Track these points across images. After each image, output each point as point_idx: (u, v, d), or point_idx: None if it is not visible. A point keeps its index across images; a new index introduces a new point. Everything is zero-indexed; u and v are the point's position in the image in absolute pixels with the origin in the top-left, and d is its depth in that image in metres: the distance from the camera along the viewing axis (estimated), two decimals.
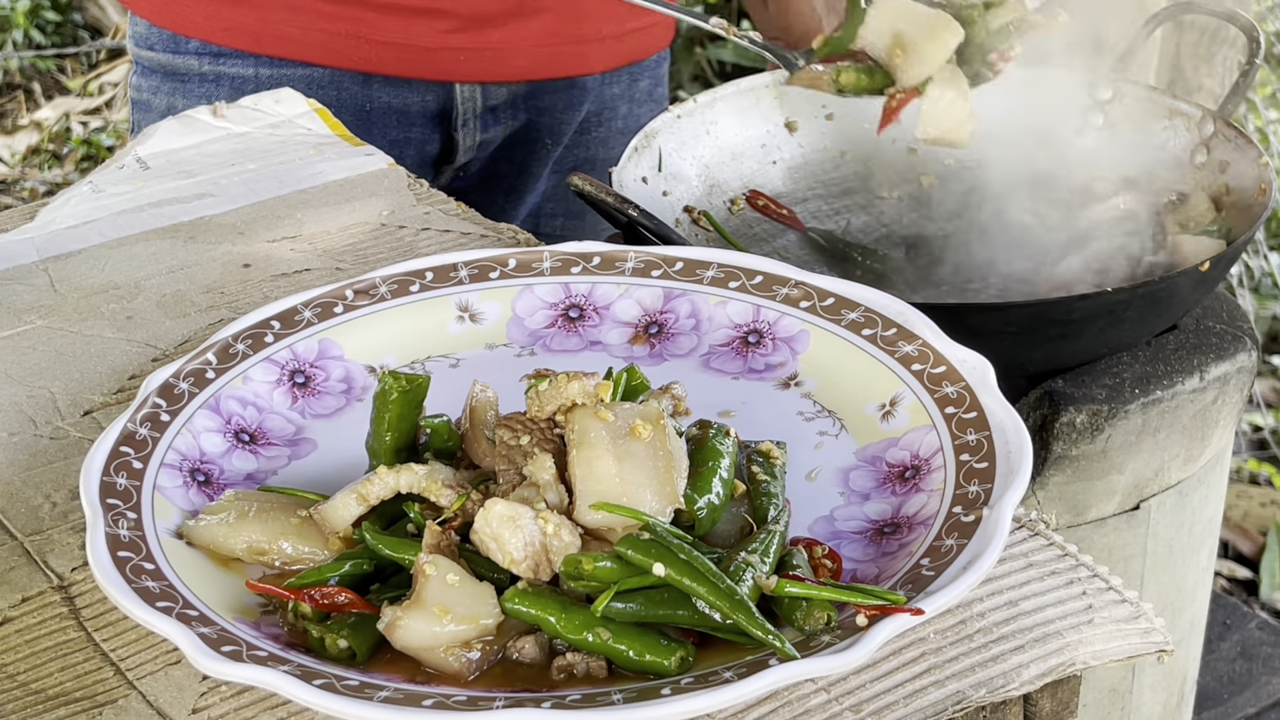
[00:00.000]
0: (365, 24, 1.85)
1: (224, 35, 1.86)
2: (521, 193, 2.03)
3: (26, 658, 1.01)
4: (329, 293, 1.25)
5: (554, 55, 1.93)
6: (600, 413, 1.02)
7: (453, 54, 1.87)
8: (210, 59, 1.87)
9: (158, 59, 1.91)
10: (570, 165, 2.05)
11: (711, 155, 1.72)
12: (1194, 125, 1.67)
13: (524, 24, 1.89)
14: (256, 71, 1.86)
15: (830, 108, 1.79)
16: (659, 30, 2.04)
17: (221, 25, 1.86)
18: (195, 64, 1.88)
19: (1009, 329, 1.41)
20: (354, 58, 1.86)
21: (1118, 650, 1.00)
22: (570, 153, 2.04)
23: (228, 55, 1.87)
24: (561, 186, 2.05)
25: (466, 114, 1.93)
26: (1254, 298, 3.62)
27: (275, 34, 1.85)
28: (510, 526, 0.97)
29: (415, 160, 1.91)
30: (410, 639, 0.94)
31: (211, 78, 1.88)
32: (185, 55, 1.88)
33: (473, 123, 1.94)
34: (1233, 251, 1.48)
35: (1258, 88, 3.98)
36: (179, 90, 1.90)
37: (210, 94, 1.87)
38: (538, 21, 1.90)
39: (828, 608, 0.95)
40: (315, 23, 1.85)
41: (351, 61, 1.86)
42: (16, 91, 4.86)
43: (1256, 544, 3.12)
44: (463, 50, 1.86)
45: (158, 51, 1.90)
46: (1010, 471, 1.03)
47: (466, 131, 1.94)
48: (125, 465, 1.07)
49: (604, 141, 2.04)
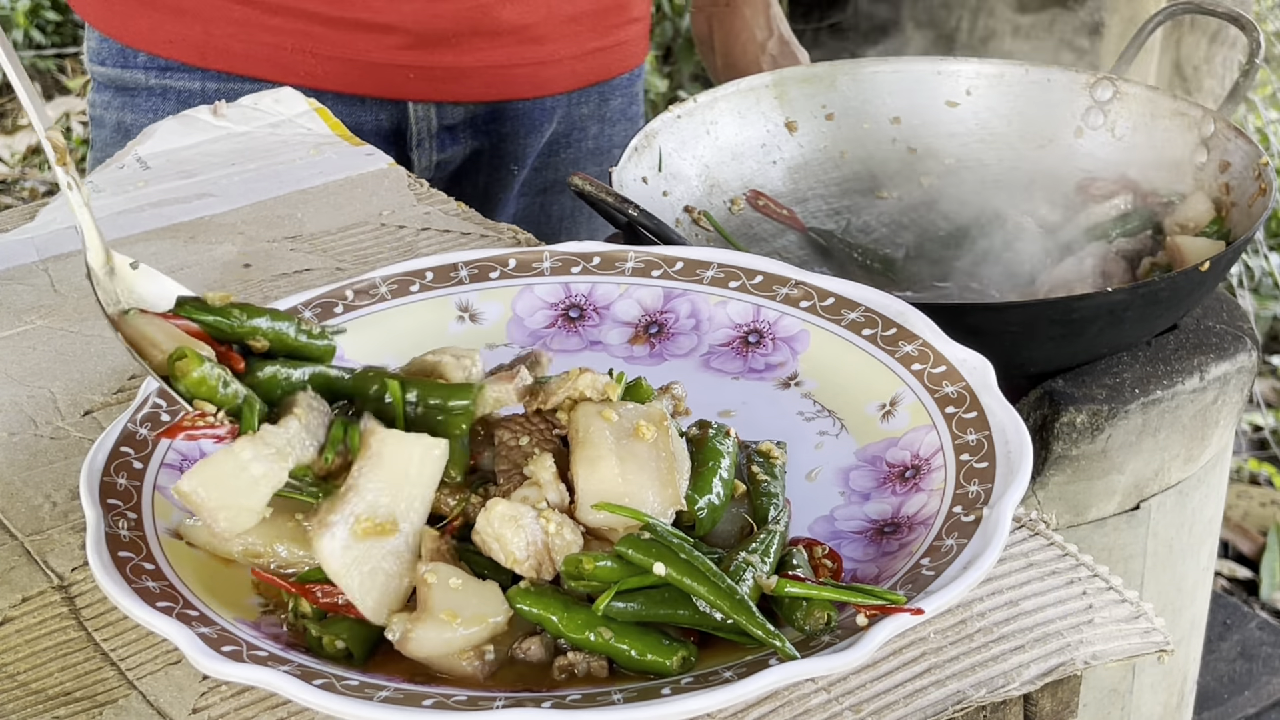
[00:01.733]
0: (311, 38, 1.80)
1: (168, 48, 1.82)
2: (489, 215, 1.98)
3: (26, 658, 1.01)
4: (329, 293, 1.25)
5: (510, 77, 1.89)
6: (604, 412, 1.02)
7: (402, 71, 1.83)
8: (157, 73, 1.84)
9: (108, 73, 1.88)
10: (539, 188, 2.00)
11: (711, 155, 1.72)
12: (1194, 125, 1.67)
13: (478, 44, 1.84)
14: (204, 85, 1.82)
15: (830, 108, 1.79)
16: (629, 48, 1.99)
17: (165, 37, 1.82)
18: (143, 78, 1.85)
19: (1009, 329, 1.41)
20: (300, 73, 1.81)
21: (1118, 650, 1.00)
22: (538, 174, 1.99)
23: (174, 69, 1.83)
24: (533, 209, 2.00)
25: (421, 134, 1.88)
26: (1254, 298, 3.62)
27: (220, 47, 1.81)
28: (512, 526, 0.97)
29: None
30: (423, 648, 0.94)
31: (159, 91, 1.84)
32: (133, 69, 1.85)
33: (428, 143, 1.89)
34: (1233, 251, 1.48)
35: (1258, 88, 3.99)
36: (128, 105, 1.87)
37: (157, 108, 1.83)
38: (493, 43, 1.85)
39: (828, 608, 0.95)
40: (260, 36, 1.80)
41: (298, 77, 1.81)
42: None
43: (1256, 544, 3.12)
44: (413, 68, 1.82)
45: (108, 66, 1.87)
46: (1010, 471, 1.03)
47: (422, 151, 1.90)
48: (125, 465, 1.07)
49: (574, 163, 2.00)
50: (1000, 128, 1.78)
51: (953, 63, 1.80)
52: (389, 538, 0.97)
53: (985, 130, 1.79)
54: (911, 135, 1.80)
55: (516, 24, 1.84)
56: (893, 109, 1.80)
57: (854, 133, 1.80)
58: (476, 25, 1.83)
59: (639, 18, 1.98)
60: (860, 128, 1.80)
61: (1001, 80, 1.78)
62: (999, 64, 1.79)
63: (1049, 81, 1.77)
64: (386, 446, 0.99)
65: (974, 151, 1.78)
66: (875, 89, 1.80)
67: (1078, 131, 1.75)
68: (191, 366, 0.99)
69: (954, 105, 1.79)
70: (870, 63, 1.81)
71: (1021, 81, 1.78)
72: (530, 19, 1.85)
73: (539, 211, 2.02)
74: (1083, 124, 1.75)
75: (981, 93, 1.79)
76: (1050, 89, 1.77)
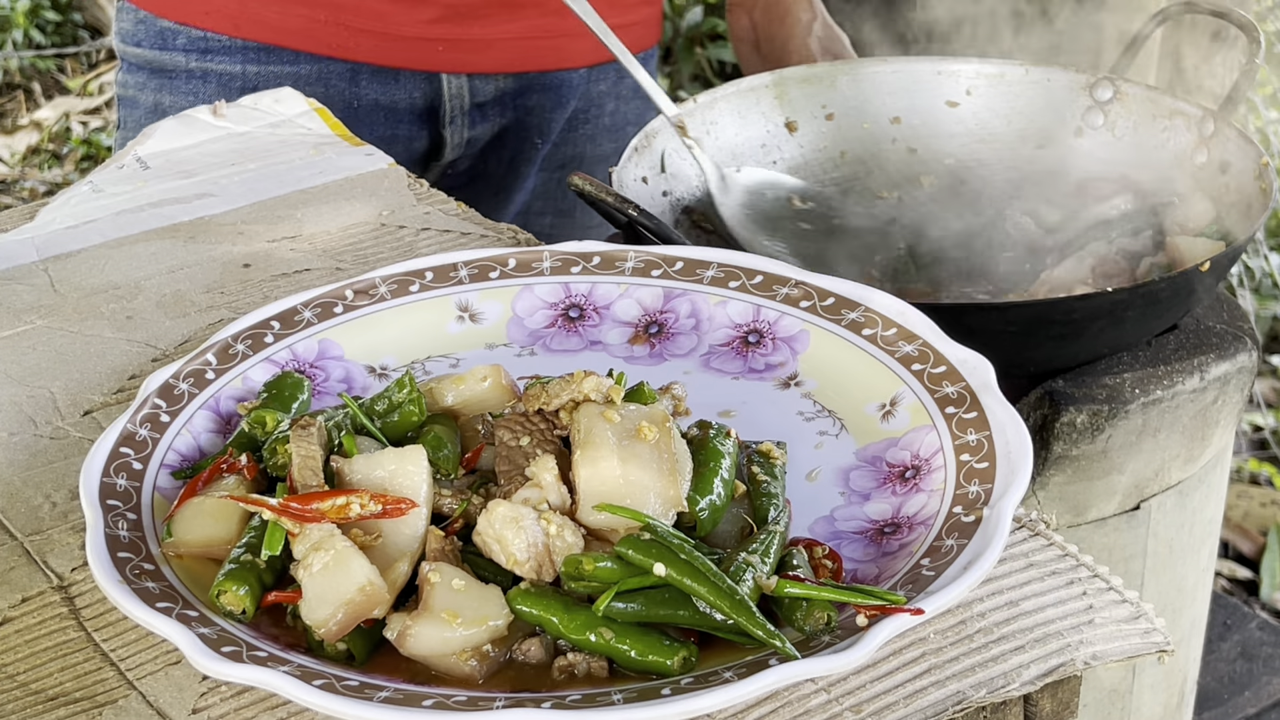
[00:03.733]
0: (345, 10, 1.86)
1: (204, 19, 1.86)
2: (510, 190, 2.04)
3: (26, 658, 1.01)
4: (329, 293, 1.25)
5: (536, 49, 1.94)
6: (606, 413, 1.02)
7: (433, 44, 1.88)
8: (197, 55, 1.88)
9: (144, 55, 1.91)
10: (558, 163, 2.05)
11: (711, 155, 1.72)
12: (1194, 125, 1.67)
13: (506, 17, 1.90)
14: (244, 69, 1.87)
15: (830, 108, 1.79)
16: (643, 29, 2.04)
17: (202, 9, 1.87)
18: (183, 60, 1.88)
19: (1009, 329, 1.41)
20: (333, 44, 1.86)
21: (1118, 650, 1.00)
22: (558, 150, 2.05)
23: (214, 51, 1.87)
24: (550, 184, 2.06)
25: (454, 110, 1.93)
26: (1254, 298, 3.62)
27: (254, 18, 1.86)
28: (513, 527, 0.97)
29: (403, 157, 1.91)
30: (421, 647, 0.94)
31: (199, 74, 1.88)
32: (173, 52, 1.89)
33: (460, 119, 1.94)
34: (1233, 251, 1.48)
35: (1258, 88, 3.99)
36: (165, 87, 1.90)
37: (197, 90, 1.88)
38: (520, 15, 1.91)
39: (828, 608, 0.95)
40: (294, 8, 1.85)
41: (332, 49, 1.86)
42: (16, 91, 4.86)
43: (1256, 544, 3.12)
44: (443, 41, 1.88)
45: (144, 48, 1.91)
46: (1010, 471, 1.03)
47: (454, 128, 1.95)
48: (125, 466, 1.07)
49: (591, 138, 2.05)
50: (1000, 128, 1.78)
51: (953, 63, 1.80)
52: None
53: (985, 130, 1.79)
54: (911, 135, 1.80)
55: None
56: (893, 109, 1.80)
57: (854, 133, 1.80)
58: None
59: (650, 1, 2.01)
60: (860, 128, 1.80)
61: (1001, 80, 1.78)
62: (999, 64, 1.79)
63: (1049, 81, 1.77)
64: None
65: (974, 151, 1.78)
66: (875, 89, 1.80)
67: (1078, 131, 1.75)
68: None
69: (954, 105, 1.79)
70: (870, 63, 1.81)
71: (1021, 81, 1.78)
72: None
73: (556, 186, 2.07)
74: (1083, 124, 1.75)
75: (981, 93, 1.79)
76: (1050, 89, 1.77)
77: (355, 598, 0.94)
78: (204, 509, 1.03)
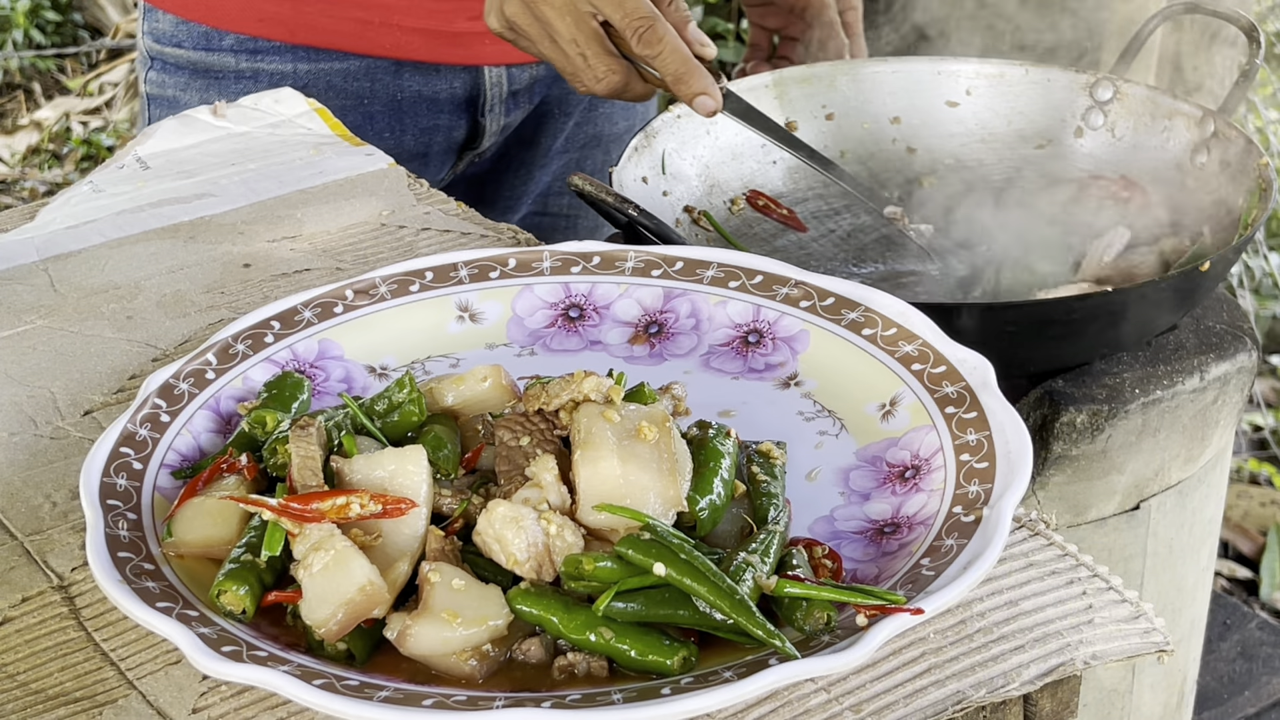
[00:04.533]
0: (396, 11, 1.88)
1: (258, 26, 1.87)
2: (531, 168, 2.07)
3: (26, 658, 1.01)
4: (329, 293, 1.25)
5: None
6: (606, 413, 1.02)
7: (479, 38, 1.90)
8: (247, 56, 1.89)
9: (187, 56, 1.91)
10: (579, 143, 2.08)
11: (711, 155, 1.72)
12: (1194, 125, 1.67)
13: None
14: (294, 67, 1.88)
15: (830, 108, 1.79)
16: None
17: (256, 17, 1.88)
18: (231, 61, 1.89)
19: (1009, 329, 1.41)
20: (385, 44, 1.89)
21: (1118, 650, 1.00)
22: (580, 130, 2.07)
23: (264, 51, 1.88)
24: (571, 165, 2.09)
25: (493, 99, 1.96)
26: (1254, 298, 3.62)
27: (309, 24, 1.87)
28: (513, 527, 0.97)
29: (443, 146, 1.95)
30: (421, 646, 0.94)
31: (249, 74, 1.89)
32: (220, 53, 1.89)
33: (499, 107, 1.97)
34: (1233, 251, 1.48)
35: (1258, 88, 3.99)
36: (213, 87, 1.91)
37: (247, 90, 1.88)
38: None
39: (828, 608, 0.95)
40: (348, 12, 1.87)
41: (382, 48, 1.89)
42: (16, 91, 4.87)
43: (1256, 544, 3.12)
44: (489, 34, 1.90)
45: (187, 49, 1.90)
46: (1010, 471, 1.03)
47: (493, 116, 1.97)
48: (125, 466, 1.07)
49: (609, 117, 2.08)
50: (1000, 128, 1.78)
51: (953, 63, 1.80)
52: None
53: (985, 130, 1.79)
54: (911, 135, 1.80)
55: None
56: (893, 109, 1.80)
57: (854, 133, 1.80)
58: None
59: None
60: (860, 128, 1.80)
61: (1001, 80, 1.78)
62: (999, 64, 1.79)
63: (1049, 81, 1.77)
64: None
65: (974, 151, 1.78)
66: (875, 89, 1.80)
67: (1078, 131, 1.75)
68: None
69: (954, 105, 1.79)
70: (870, 63, 1.81)
71: (1021, 81, 1.78)
72: None
73: (576, 167, 2.10)
74: (1083, 124, 1.75)
75: (981, 93, 1.79)
76: (1050, 89, 1.77)
77: (355, 598, 0.94)
78: (204, 509, 1.03)
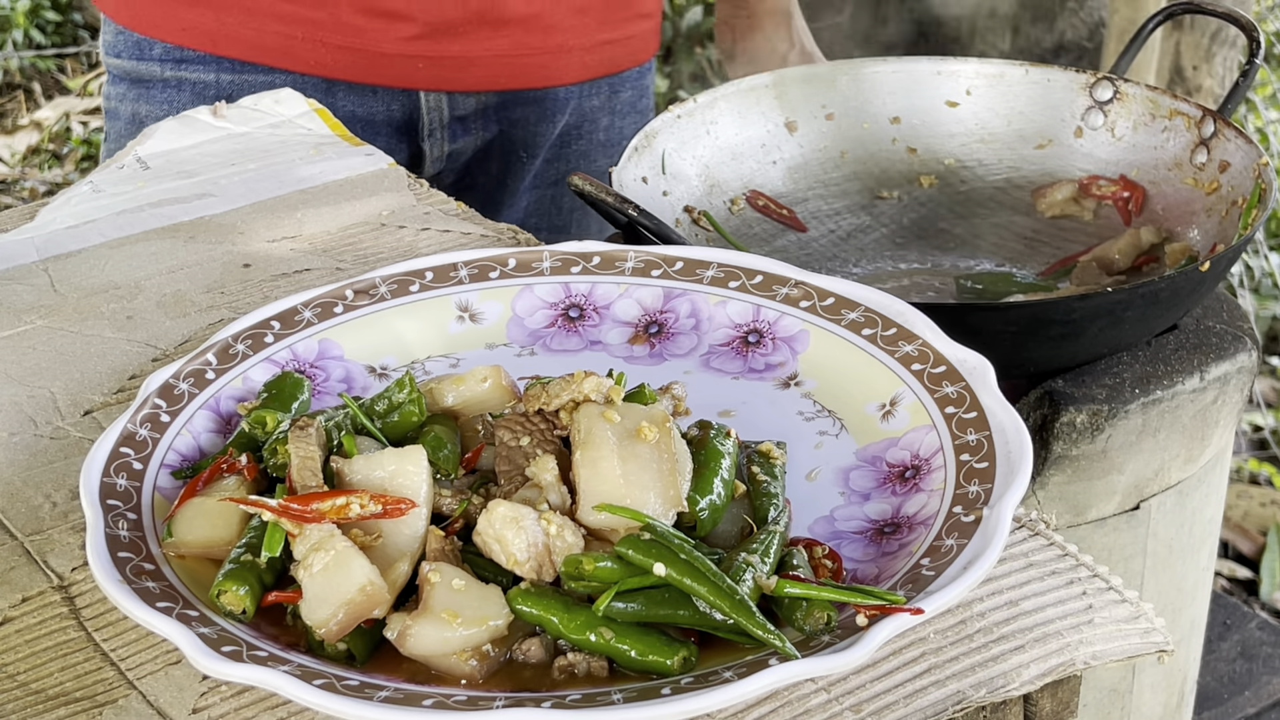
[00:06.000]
0: (322, 27, 1.82)
1: (181, 35, 1.83)
2: (499, 206, 2.00)
3: (26, 658, 1.01)
4: (329, 293, 1.25)
5: (520, 66, 1.89)
6: (606, 413, 1.02)
7: (412, 61, 1.84)
8: (172, 65, 1.85)
9: (124, 66, 1.89)
10: (550, 180, 2.01)
11: (711, 155, 1.72)
12: (1194, 125, 1.67)
13: (488, 34, 1.85)
14: (218, 77, 1.84)
15: (830, 108, 1.79)
16: (638, 42, 2.00)
17: (178, 25, 1.84)
18: (158, 70, 1.86)
19: (1009, 329, 1.41)
20: (311, 62, 1.83)
21: (1118, 650, 1.00)
22: (550, 166, 2.00)
23: (189, 60, 1.84)
24: (544, 201, 2.01)
25: (433, 124, 1.89)
26: (1254, 298, 3.62)
27: (231, 35, 1.82)
28: (513, 528, 0.97)
29: None
30: (421, 647, 0.94)
31: (173, 83, 1.85)
32: (149, 61, 1.86)
33: (440, 133, 1.90)
34: (1233, 251, 1.48)
35: (1258, 88, 3.99)
36: (143, 97, 1.88)
37: (172, 99, 1.85)
38: (502, 32, 1.86)
39: (828, 608, 0.95)
40: (271, 25, 1.82)
41: (309, 66, 1.83)
42: (16, 91, 4.87)
43: (1256, 544, 3.12)
44: (423, 58, 1.83)
45: (124, 59, 1.88)
46: (1010, 471, 1.03)
47: (434, 142, 1.91)
48: (125, 466, 1.07)
49: (585, 154, 2.01)
50: (1000, 128, 1.78)
51: (953, 63, 1.80)
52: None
53: (985, 130, 1.79)
54: (911, 135, 1.80)
55: (525, 13, 1.85)
56: (893, 109, 1.80)
57: (854, 133, 1.80)
58: (485, 14, 1.84)
59: (648, 14, 1.99)
60: (860, 128, 1.80)
61: (1001, 80, 1.78)
62: (999, 64, 1.79)
63: (1049, 81, 1.77)
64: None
65: (974, 151, 1.78)
66: (875, 89, 1.80)
67: (1078, 131, 1.75)
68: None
69: (954, 105, 1.79)
70: (870, 63, 1.81)
71: (1021, 82, 1.78)
72: (538, 8, 1.86)
73: (550, 204, 2.03)
74: (1083, 124, 1.75)
75: (981, 93, 1.79)
76: (1050, 89, 1.77)
77: (355, 598, 0.94)
78: (204, 509, 1.03)
